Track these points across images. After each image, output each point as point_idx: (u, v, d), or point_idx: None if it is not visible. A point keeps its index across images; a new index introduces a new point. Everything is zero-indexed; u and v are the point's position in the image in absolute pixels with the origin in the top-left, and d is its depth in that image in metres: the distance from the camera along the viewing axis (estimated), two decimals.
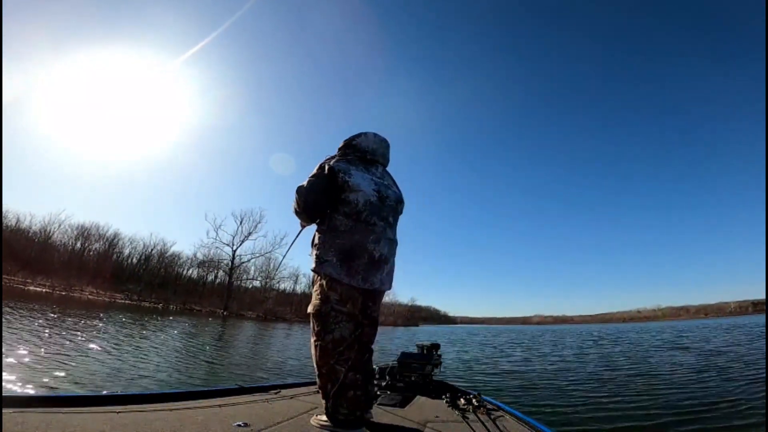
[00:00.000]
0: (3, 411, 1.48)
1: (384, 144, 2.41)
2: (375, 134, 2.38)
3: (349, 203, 2.08)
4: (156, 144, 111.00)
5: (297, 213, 2.16)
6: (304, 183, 2.13)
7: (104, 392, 2.24)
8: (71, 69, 78.98)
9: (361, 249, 2.02)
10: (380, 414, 2.37)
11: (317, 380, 1.96)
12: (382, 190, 2.21)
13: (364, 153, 2.31)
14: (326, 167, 2.15)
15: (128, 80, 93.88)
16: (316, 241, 2.11)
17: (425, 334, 37.27)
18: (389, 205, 2.22)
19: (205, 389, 2.55)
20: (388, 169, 2.48)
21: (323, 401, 1.94)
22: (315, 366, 1.98)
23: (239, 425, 1.77)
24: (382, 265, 2.09)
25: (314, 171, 2.18)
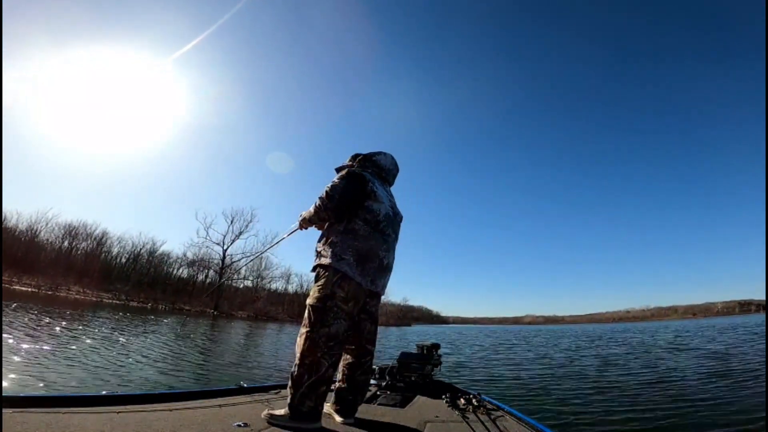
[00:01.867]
0: (3, 411, 1.49)
1: (396, 167, 2.63)
2: (392, 156, 2.60)
3: (372, 211, 2.24)
4: (147, 142, 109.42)
5: (325, 209, 2.21)
6: (337, 183, 2.23)
7: (104, 392, 2.21)
8: (62, 66, 77.83)
9: (374, 254, 2.19)
10: (380, 414, 2.38)
11: (294, 369, 1.94)
12: (394, 206, 2.45)
13: (380, 170, 2.50)
14: (358, 173, 2.28)
15: (119, 77, 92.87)
16: (333, 239, 2.17)
17: (417, 334, 37.25)
18: (397, 221, 2.44)
19: (205, 389, 2.56)
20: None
21: (290, 391, 1.92)
22: (298, 355, 1.97)
23: (239, 425, 1.78)
24: (387, 272, 2.31)
25: (342, 174, 2.28)
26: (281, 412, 1.93)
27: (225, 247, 50.78)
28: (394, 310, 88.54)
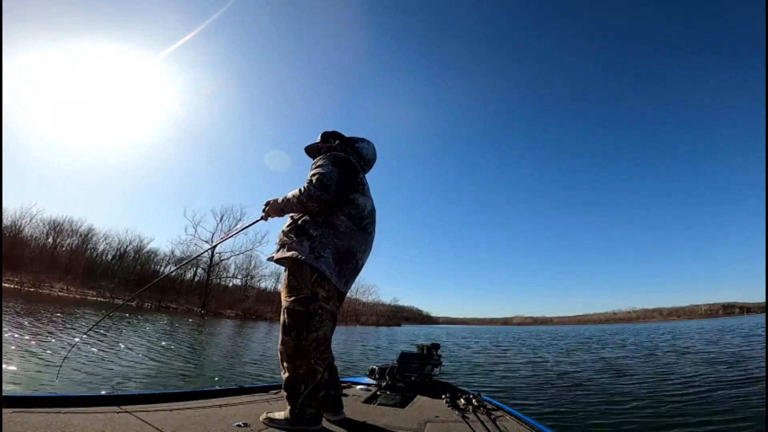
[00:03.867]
0: (3, 411, 1.48)
1: (375, 157, 2.42)
2: (374, 145, 2.40)
3: (357, 206, 2.06)
4: (136, 138, 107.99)
5: (317, 200, 1.94)
6: (331, 170, 1.98)
7: (104, 392, 2.18)
8: (51, 61, 76.21)
9: (352, 256, 2.01)
10: (380, 414, 2.36)
11: (289, 380, 1.83)
12: (373, 201, 2.24)
13: (360, 159, 2.30)
14: (351, 162, 2.11)
15: (109, 71, 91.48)
16: (312, 233, 1.95)
17: (406, 334, 37.10)
18: (375, 217, 2.23)
19: (205, 389, 2.55)
20: None
21: (289, 401, 1.83)
22: (287, 365, 1.85)
23: (239, 425, 1.76)
24: (358, 274, 2.12)
25: (332, 160, 2.04)
26: (280, 415, 1.86)
27: (214, 245, 50.24)
28: (385, 310, 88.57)
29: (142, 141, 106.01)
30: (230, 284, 55.12)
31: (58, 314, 15.27)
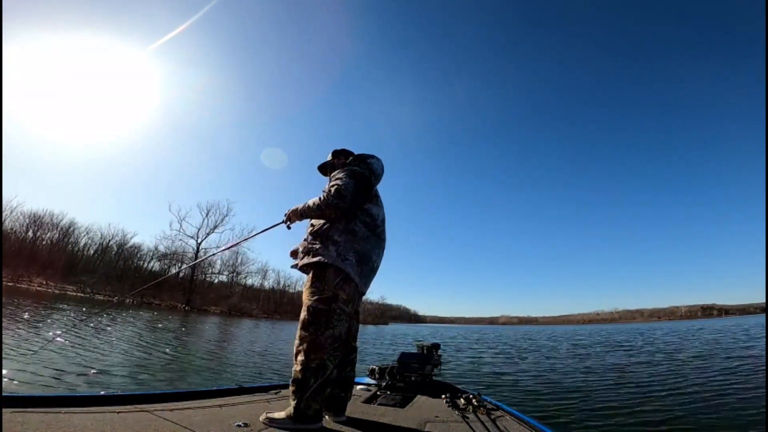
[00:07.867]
0: (3, 411, 1.48)
1: (383, 173, 2.60)
2: (382, 162, 2.58)
3: (371, 215, 2.26)
4: (122, 133, 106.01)
5: (335, 207, 2.10)
6: (348, 182, 2.15)
7: (104, 392, 2.16)
8: (37, 53, 74.03)
9: (368, 258, 2.20)
10: (380, 414, 2.37)
11: (300, 374, 1.89)
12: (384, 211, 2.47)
13: (372, 174, 2.46)
14: (367, 176, 2.30)
15: (92, 64, 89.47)
16: (337, 238, 2.12)
17: (391, 333, 36.94)
18: (385, 226, 2.44)
19: (205, 389, 2.55)
20: None
21: (295, 395, 1.87)
22: (301, 359, 1.92)
23: (239, 425, 1.77)
24: (375, 275, 2.34)
25: (350, 174, 2.21)
26: (281, 414, 1.89)
27: (199, 241, 49.61)
28: (372, 308, 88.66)
29: (128, 135, 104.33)
30: (216, 280, 54.49)
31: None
